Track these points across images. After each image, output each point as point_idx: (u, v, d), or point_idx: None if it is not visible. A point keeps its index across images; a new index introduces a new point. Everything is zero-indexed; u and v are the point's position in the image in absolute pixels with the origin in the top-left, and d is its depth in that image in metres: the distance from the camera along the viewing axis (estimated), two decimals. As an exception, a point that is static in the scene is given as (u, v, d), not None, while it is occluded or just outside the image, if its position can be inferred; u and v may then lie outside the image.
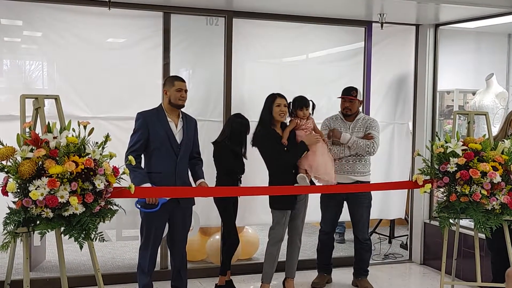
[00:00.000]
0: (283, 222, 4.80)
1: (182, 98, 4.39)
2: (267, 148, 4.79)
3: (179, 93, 4.37)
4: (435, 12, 5.54)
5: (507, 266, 4.25)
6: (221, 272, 5.04)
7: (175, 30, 5.32)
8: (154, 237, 4.40)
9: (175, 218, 4.45)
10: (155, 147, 4.34)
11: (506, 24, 5.69)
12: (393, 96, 6.25)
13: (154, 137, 4.33)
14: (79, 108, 5.02)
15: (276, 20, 5.63)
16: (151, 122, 4.34)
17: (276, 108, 4.75)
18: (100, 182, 3.36)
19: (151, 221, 4.36)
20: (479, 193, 4.01)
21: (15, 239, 3.32)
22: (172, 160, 4.38)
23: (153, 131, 4.33)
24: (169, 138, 4.36)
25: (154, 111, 4.44)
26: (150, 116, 4.38)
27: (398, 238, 7.01)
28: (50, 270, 5.62)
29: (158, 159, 4.34)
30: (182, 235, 4.56)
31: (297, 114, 4.82)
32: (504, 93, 6.26)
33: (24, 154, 3.26)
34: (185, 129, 4.46)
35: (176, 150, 4.39)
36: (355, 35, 6.02)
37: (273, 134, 4.76)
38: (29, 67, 5.10)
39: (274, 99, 4.77)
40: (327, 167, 4.80)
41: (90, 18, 5.09)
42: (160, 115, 4.39)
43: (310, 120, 4.87)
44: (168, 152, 4.36)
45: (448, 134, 4.32)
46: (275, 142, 4.74)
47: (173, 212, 4.41)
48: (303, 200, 4.91)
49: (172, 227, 4.49)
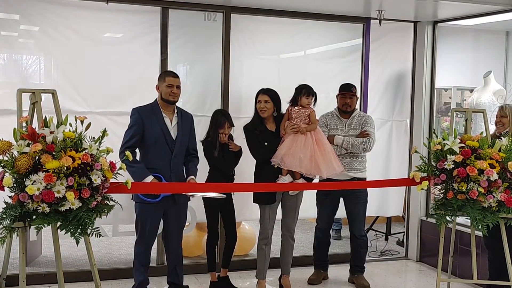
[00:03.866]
0: (267, 216, 4.79)
1: (173, 94, 4.37)
2: (249, 143, 4.80)
3: (170, 89, 4.36)
4: (433, 9, 5.54)
5: (504, 264, 4.26)
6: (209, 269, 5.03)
7: (173, 25, 5.30)
8: (148, 233, 4.40)
9: (170, 214, 4.45)
10: (150, 143, 4.33)
11: (504, 21, 5.69)
12: (392, 93, 6.25)
13: (149, 133, 4.32)
14: (76, 103, 5.01)
15: (274, 16, 5.62)
16: (146, 117, 4.33)
17: (257, 105, 4.75)
18: (97, 177, 3.36)
19: (146, 216, 4.36)
20: (476, 191, 4.01)
21: (11, 234, 3.31)
22: (167, 156, 4.37)
23: (148, 126, 4.32)
24: (164, 134, 4.35)
25: (149, 106, 4.43)
26: (145, 111, 4.37)
27: (394, 235, 7.03)
28: (46, 265, 5.62)
29: (153, 155, 4.34)
30: (178, 231, 4.56)
31: (300, 101, 4.79)
32: (502, 91, 6.27)
33: (21, 148, 3.25)
34: (180, 125, 4.45)
35: (171, 146, 4.38)
36: (353, 31, 6.02)
37: (258, 129, 4.75)
38: (26, 62, 5.09)
39: (257, 95, 4.77)
40: (296, 159, 4.61)
41: (87, 13, 5.07)
42: (155, 110, 4.38)
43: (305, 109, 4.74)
44: (163, 148, 4.36)
45: (446, 132, 4.31)
46: (255, 137, 4.74)
47: (168, 208, 4.41)
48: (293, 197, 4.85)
49: (167, 223, 4.49)
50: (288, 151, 4.62)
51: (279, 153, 4.64)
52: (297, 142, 4.65)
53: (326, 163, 4.69)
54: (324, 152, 4.72)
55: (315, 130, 4.76)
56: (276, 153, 4.65)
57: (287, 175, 4.68)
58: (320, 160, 4.66)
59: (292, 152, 4.61)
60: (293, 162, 4.60)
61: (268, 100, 4.71)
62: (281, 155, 4.62)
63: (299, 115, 4.73)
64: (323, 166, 4.66)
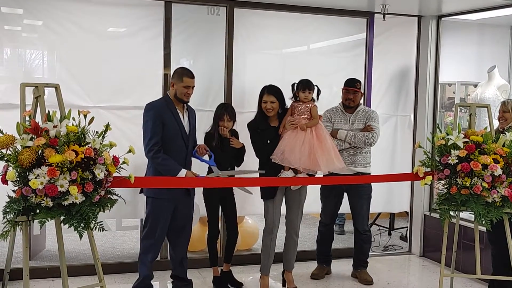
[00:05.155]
0: (272, 211, 4.78)
1: (188, 94, 4.37)
2: (253, 141, 4.79)
3: (186, 90, 4.35)
4: (437, 3, 5.52)
5: (507, 259, 4.25)
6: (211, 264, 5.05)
7: (176, 20, 5.29)
8: (160, 228, 4.39)
9: (181, 208, 4.45)
10: (168, 139, 4.31)
11: (508, 16, 5.66)
12: (396, 88, 6.23)
13: (167, 129, 4.30)
14: (79, 97, 5.01)
15: (278, 10, 5.61)
16: (164, 113, 4.31)
17: (262, 104, 4.73)
18: (100, 172, 3.36)
19: (160, 211, 4.35)
20: (480, 186, 4.01)
21: (15, 228, 3.32)
22: (183, 152, 4.40)
23: (166, 122, 4.30)
24: (181, 130, 4.36)
25: (163, 101, 4.40)
26: (161, 107, 4.34)
27: (398, 230, 7.02)
28: (49, 259, 5.63)
29: (169, 151, 4.31)
30: (189, 226, 4.57)
31: (299, 96, 4.78)
32: (506, 86, 6.26)
33: (24, 142, 3.26)
34: (190, 120, 4.47)
35: (186, 141, 4.40)
36: (357, 26, 6.00)
37: (261, 127, 4.74)
38: (30, 56, 5.09)
39: (262, 94, 4.74)
40: (295, 155, 4.58)
41: (91, 7, 5.06)
42: (170, 106, 4.36)
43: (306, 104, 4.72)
44: (180, 144, 4.37)
45: (450, 126, 4.30)
46: (257, 135, 4.73)
47: (179, 203, 4.41)
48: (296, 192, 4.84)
49: (177, 217, 4.46)
50: (287, 148, 4.61)
51: (278, 149, 4.64)
52: (297, 138, 4.63)
53: (325, 159, 4.65)
54: (324, 148, 4.68)
55: (316, 126, 4.73)
56: (276, 149, 4.65)
57: (290, 170, 4.67)
58: (319, 155, 4.62)
59: (290, 148, 4.60)
60: (292, 159, 4.59)
61: (274, 100, 4.70)
62: (280, 151, 4.62)
63: (302, 110, 4.72)
64: (322, 161, 4.63)
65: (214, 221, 4.93)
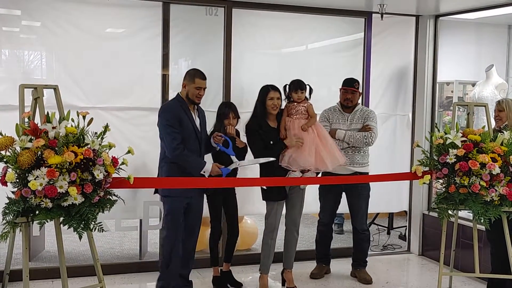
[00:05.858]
0: (275, 212, 4.79)
1: (200, 96, 4.40)
2: (253, 143, 4.77)
3: (198, 91, 4.37)
4: (435, 2, 5.53)
5: (506, 257, 4.26)
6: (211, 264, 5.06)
7: (174, 20, 5.29)
8: (180, 225, 4.40)
9: (193, 207, 4.47)
10: (183, 139, 4.32)
11: (506, 15, 5.68)
12: (394, 88, 6.24)
13: (184, 130, 4.32)
14: (78, 98, 5.00)
15: (276, 10, 5.61)
16: (180, 114, 4.33)
17: (269, 102, 4.71)
18: (99, 173, 3.37)
19: (178, 209, 4.36)
20: (478, 185, 4.02)
21: (14, 229, 3.33)
22: (197, 151, 4.42)
23: (183, 124, 4.32)
24: (195, 130, 4.39)
25: (177, 103, 4.40)
26: (177, 108, 4.35)
27: (396, 229, 7.03)
28: (49, 260, 5.63)
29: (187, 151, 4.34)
30: (198, 227, 4.61)
31: (292, 97, 4.80)
32: (504, 85, 6.26)
33: (23, 144, 3.26)
34: (201, 120, 4.50)
35: (200, 141, 4.44)
36: (355, 25, 6.00)
37: (263, 128, 4.73)
38: (28, 57, 5.09)
39: (267, 92, 4.73)
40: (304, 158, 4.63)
41: (89, 8, 5.06)
42: (184, 107, 4.37)
43: (302, 104, 4.74)
44: (193, 143, 4.39)
45: (448, 126, 4.31)
46: (259, 137, 4.71)
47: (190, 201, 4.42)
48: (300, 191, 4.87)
49: (189, 216, 4.47)
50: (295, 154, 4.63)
51: (286, 156, 4.65)
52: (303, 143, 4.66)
53: (330, 156, 4.71)
54: (327, 146, 4.74)
55: (315, 124, 4.76)
56: (284, 157, 4.65)
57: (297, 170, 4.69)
58: (324, 154, 4.68)
59: (298, 154, 4.63)
60: (301, 160, 4.62)
61: (279, 97, 4.72)
62: (288, 157, 4.63)
63: (298, 110, 4.74)
64: (327, 159, 4.68)
65: (218, 221, 4.94)
